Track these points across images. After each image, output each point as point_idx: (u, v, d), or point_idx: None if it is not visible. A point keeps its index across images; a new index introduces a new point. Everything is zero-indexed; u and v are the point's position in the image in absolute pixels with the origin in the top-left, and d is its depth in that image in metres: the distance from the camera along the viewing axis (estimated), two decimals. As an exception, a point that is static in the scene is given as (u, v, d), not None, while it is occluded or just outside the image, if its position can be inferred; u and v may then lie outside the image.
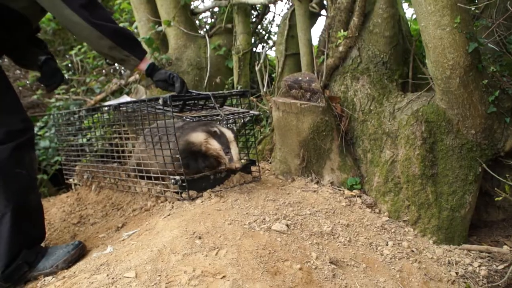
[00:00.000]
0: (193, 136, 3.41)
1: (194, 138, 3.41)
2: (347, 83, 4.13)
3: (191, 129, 3.48)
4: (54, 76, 3.44)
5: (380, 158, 3.77)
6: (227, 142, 3.31)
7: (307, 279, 2.44)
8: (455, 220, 3.46)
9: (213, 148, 3.35)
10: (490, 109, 3.34)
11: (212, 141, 3.34)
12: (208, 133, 3.33)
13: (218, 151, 3.34)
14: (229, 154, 3.31)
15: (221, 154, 3.34)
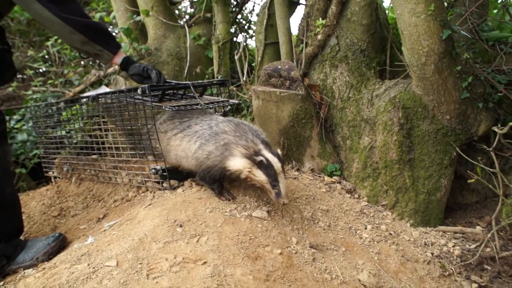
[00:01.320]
0: (232, 163, 2.86)
1: (232, 165, 2.86)
2: (326, 71, 4.17)
3: (228, 149, 2.90)
4: (6, 71, 3.01)
5: (359, 144, 3.83)
6: (275, 174, 2.78)
7: (287, 263, 2.49)
8: (431, 203, 3.56)
9: (258, 180, 2.83)
10: (464, 94, 3.43)
11: (258, 171, 2.80)
12: (252, 162, 2.79)
13: (264, 184, 2.83)
14: (276, 188, 2.79)
15: (268, 188, 2.83)
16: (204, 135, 3.04)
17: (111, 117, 4.01)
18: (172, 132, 3.29)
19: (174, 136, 3.26)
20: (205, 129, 3.09)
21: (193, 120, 3.25)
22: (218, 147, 2.92)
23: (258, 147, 2.86)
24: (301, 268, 2.51)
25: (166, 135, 3.31)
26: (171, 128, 3.31)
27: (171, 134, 3.29)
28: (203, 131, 3.08)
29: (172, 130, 3.30)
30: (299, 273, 2.45)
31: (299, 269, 2.50)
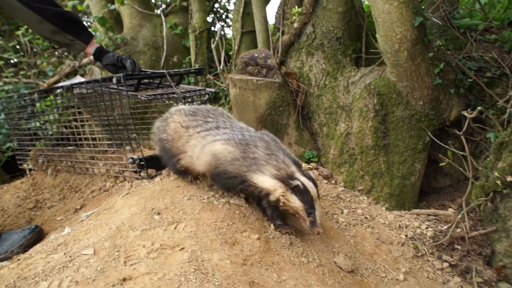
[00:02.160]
0: (260, 178, 2.61)
1: (260, 182, 2.61)
2: (303, 59, 4.20)
3: (256, 164, 2.63)
4: None
5: (335, 131, 3.89)
6: (311, 200, 2.55)
7: (264, 248, 2.53)
8: (405, 187, 3.64)
9: (293, 206, 2.58)
10: (436, 80, 3.50)
11: (293, 197, 2.56)
12: (286, 185, 2.56)
13: (299, 211, 2.58)
14: (312, 216, 2.56)
15: (302, 215, 2.58)
16: (234, 139, 2.71)
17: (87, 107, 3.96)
18: (195, 129, 2.89)
19: (197, 133, 2.86)
20: (236, 134, 2.76)
21: (221, 122, 2.94)
22: (246, 157, 2.63)
23: (291, 169, 2.60)
24: (278, 252, 2.55)
25: (188, 131, 2.91)
26: (195, 126, 2.91)
27: (193, 131, 2.88)
28: (234, 136, 2.74)
29: (195, 128, 2.90)
30: (276, 257, 2.49)
31: (276, 253, 2.54)
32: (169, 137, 2.99)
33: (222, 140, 2.72)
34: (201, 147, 2.79)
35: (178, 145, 2.94)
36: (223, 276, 2.05)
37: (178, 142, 2.94)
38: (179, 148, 2.94)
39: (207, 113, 3.02)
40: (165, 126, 3.07)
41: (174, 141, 2.96)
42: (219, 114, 3.06)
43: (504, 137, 2.94)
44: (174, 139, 2.96)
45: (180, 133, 2.93)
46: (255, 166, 2.61)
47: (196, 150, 2.82)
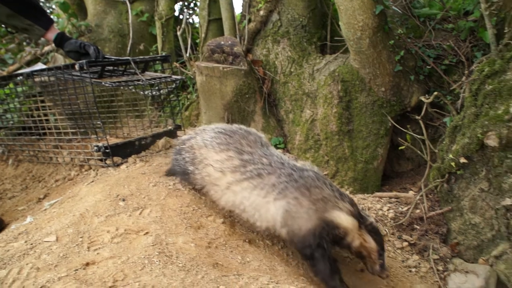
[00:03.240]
0: (339, 215, 2.31)
1: (339, 219, 2.30)
2: (269, 47, 4.23)
3: (328, 203, 2.33)
4: None
5: (301, 117, 3.96)
6: (382, 241, 2.40)
7: (230, 231, 2.57)
8: (369, 172, 3.76)
9: (368, 246, 2.36)
10: (397, 68, 3.61)
11: (368, 237, 2.35)
12: (360, 223, 2.36)
13: (373, 252, 2.37)
14: (381, 258, 2.39)
15: (374, 257, 2.38)
16: (289, 189, 2.33)
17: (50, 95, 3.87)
18: (234, 175, 2.46)
19: (237, 182, 2.44)
20: (287, 181, 2.36)
21: (257, 157, 2.49)
22: (314, 201, 2.31)
23: (355, 207, 2.40)
24: (243, 235, 2.60)
25: (225, 177, 2.48)
26: (232, 169, 2.47)
27: (232, 179, 2.45)
28: (287, 184, 2.35)
29: (233, 173, 2.46)
30: (241, 239, 2.54)
31: (241, 236, 2.59)
32: (198, 173, 2.61)
33: (281, 198, 2.33)
34: (255, 205, 2.38)
35: (210, 181, 2.56)
36: (187, 258, 2.08)
37: (211, 180, 2.55)
38: (210, 182, 2.56)
39: (240, 145, 2.56)
40: (192, 158, 2.67)
41: (203, 178, 2.59)
42: (253, 142, 2.61)
43: (457, 121, 3.08)
44: (204, 177, 2.59)
45: (214, 176, 2.52)
46: (329, 206, 2.30)
47: (245, 202, 2.41)
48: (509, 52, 2.78)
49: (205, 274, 1.94)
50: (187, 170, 2.69)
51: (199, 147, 2.66)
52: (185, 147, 2.77)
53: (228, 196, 2.48)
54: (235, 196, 2.44)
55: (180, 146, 2.85)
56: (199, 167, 2.62)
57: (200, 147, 2.66)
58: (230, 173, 2.47)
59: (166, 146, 3.72)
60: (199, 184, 2.66)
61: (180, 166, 2.77)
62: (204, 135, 2.70)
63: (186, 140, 2.83)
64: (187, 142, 2.80)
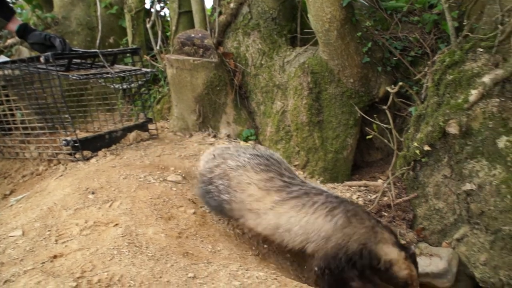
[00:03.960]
0: (387, 249, 2.33)
1: (386, 252, 2.33)
2: (239, 39, 4.25)
3: (376, 233, 2.35)
4: None
5: (272, 109, 4.00)
6: (417, 269, 2.44)
7: (200, 222, 2.60)
8: (339, 161, 3.84)
9: (413, 275, 2.37)
10: (365, 59, 3.69)
11: (412, 265, 2.37)
12: (406, 253, 2.36)
13: (414, 280, 2.38)
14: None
15: (416, 285, 2.40)
16: (339, 211, 2.35)
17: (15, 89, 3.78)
18: (279, 195, 2.38)
19: (283, 201, 2.37)
20: (338, 202, 2.40)
21: (304, 185, 2.48)
22: (365, 228, 2.34)
23: (395, 235, 2.44)
24: (214, 226, 2.63)
25: (270, 196, 2.40)
26: (277, 189, 2.41)
27: (278, 198, 2.38)
28: (336, 205, 2.38)
29: (279, 192, 2.40)
30: (211, 229, 2.56)
31: (212, 226, 2.62)
32: (235, 199, 2.45)
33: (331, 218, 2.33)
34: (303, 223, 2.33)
35: (250, 204, 2.44)
36: (157, 248, 2.09)
37: (252, 203, 2.43)
38: (250, 205, 2.44)
39: (279, 168, 2.52)
40: (227, 184, 2.50)
41: (242, 202, 2.45)
42: (288, 168, 2.62)
43: (421, 110, 3.19)
44: (244, 201, 2.44)
45: (257, 195, 2.42)
46: (379, 237, 2.32)
47: (292, 221, 2.35)
48: (468, 43, 2.89)
49: (175, 263, 1.96)
50: (223, 200, 2.48)
51: (235, 169, 2.50)
52: (217, 175, 2.55)
53: (270, 218, 2.38)
54: (279, 217, 2.36)
55: (209, 175, 2.60)
56: (237, 191, 2.45)
57: (236, 169, 2.50)
58: (275, 192, 2.39)
59: (137, 139, 3.71)
60: (237, 212, 2.47)
61: (215, 198, 2.52)
62: (238, 158, 2.56)
63: (214, 167, 2.60)
64: (216, 169, 2.57)
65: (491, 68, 2.77)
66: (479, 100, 2.79)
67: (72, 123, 3.35)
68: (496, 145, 2.82)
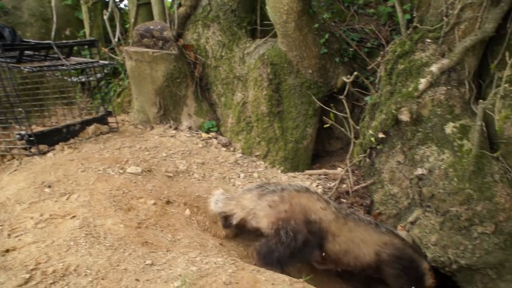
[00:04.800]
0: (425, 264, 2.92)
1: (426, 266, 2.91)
2: (199, 31, 4.24)
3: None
4: None
5: (232, 101, 4.03)
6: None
7: (161, 212, 2.61)
8: (299, 151, 3.92)
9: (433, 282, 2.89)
10: (322, 50, 3.77)
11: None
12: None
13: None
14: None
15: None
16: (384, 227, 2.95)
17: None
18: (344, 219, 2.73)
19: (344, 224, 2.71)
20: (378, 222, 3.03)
21: (344, 209, 2.89)
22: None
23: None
24: (175, 216, 2.65)
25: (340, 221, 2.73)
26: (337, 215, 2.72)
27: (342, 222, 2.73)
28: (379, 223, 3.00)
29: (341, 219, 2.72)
30: (172, 219, 2.58)
31: (173, 216, 2.63)
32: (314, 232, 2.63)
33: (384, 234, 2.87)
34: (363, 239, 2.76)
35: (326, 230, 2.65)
36: (115, 238, 2.09)
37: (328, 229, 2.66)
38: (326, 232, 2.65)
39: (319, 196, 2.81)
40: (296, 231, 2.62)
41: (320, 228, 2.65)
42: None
43: (376, 98, 3.31)
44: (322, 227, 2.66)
45: (330, 218, 2.67)
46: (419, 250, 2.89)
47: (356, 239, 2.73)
48: (417, 34, 3.02)
49: (133, 251, 1.97)
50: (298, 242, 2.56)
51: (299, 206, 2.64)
52: (283, 220, 2.57)
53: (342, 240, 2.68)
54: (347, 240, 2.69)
55: (277, 227, 2.56)
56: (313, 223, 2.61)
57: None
58: (342, 218, 2.71)
59: (96, 133, 3.65)
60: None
61: (290, 247, 2.53)
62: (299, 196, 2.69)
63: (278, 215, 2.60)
64: (281, 214, 2.58)
65: (438, 58, 2.91)
66: (427, 89, 2.93)
67: (27, 118, 3.26)
68: (444, 131, 2.97)
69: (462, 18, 2.86)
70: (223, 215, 2.65)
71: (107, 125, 3.81)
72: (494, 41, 2.93)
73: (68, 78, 4.13)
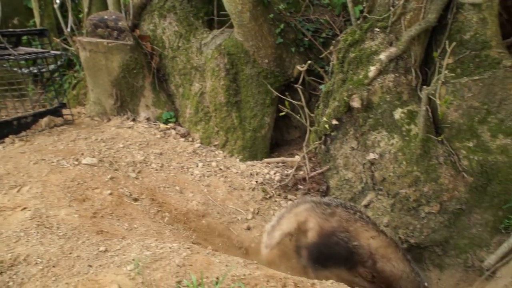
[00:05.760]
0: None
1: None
2: (156, 22, 4.20)
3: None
4: None
5: (190, 91, 4.03)
6: None
7: (117, 202, 2.60)
8: (257, 140, 3.98)
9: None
10: (278, 40, 3.83)
11: None
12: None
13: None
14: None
15: None
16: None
17: None
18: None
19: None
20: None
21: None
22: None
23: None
24: (132, 205, 2.65)
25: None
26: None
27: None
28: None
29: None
30: (129, 208, 2.58)
31: (130, 206, 2.63)
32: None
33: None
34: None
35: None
36: (69, 228, 2.08)
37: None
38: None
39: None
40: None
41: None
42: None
43: (329, 86, 3.41)
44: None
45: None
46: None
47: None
48: (366, 24, 3.13)
49: (87, 240, 1.97)
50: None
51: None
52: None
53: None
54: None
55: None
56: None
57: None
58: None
59: (50, 125, 3.57)
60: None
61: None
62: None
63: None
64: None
65: (386, 46, 3.04)
66: (377, 76, 3.06)
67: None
68: (393, 116, 3.11)
69: (407, 8, 2.99)
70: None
71: (62, 117, 3.73)
72: (437, 31, 3.09)
73: (18, 69, 3.99)
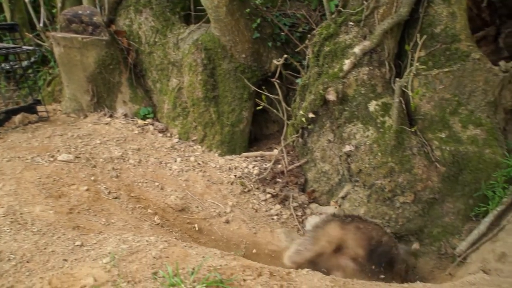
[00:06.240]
0: None
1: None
2: (131, 17, 4.17)
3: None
4: None
5: (168, 86, 4.02)
6: None
7: (94, 198, 2.58)
8: (235, 134, 4.00)
9: None
10: (255, 35, 3.85)
11: None
12: None
13: None
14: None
15: None
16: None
17: None
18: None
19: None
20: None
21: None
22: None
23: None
24: (109, 201, 2.63)
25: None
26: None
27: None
28: None
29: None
30: (106, 204, 2.57)
31: (107, 201, 2.62)
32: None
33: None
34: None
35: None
36: (44, 224, 2.06)
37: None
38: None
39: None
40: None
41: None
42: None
43: (305, 80, 3.45)
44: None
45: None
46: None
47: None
48: (341, 17, 3.18)
49: (62, 235, 1.96)
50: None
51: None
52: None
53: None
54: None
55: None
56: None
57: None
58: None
59: (24, 122, 3.52)
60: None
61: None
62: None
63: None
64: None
65: (360, 40, 3.09)
66: (351, 69, 3.11)
67: None
68: (368, 109, 3.17)
69: (380, 2, 3.05)
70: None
71: (36, 114, 3.67)
72: (409, 25, 3.15)
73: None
